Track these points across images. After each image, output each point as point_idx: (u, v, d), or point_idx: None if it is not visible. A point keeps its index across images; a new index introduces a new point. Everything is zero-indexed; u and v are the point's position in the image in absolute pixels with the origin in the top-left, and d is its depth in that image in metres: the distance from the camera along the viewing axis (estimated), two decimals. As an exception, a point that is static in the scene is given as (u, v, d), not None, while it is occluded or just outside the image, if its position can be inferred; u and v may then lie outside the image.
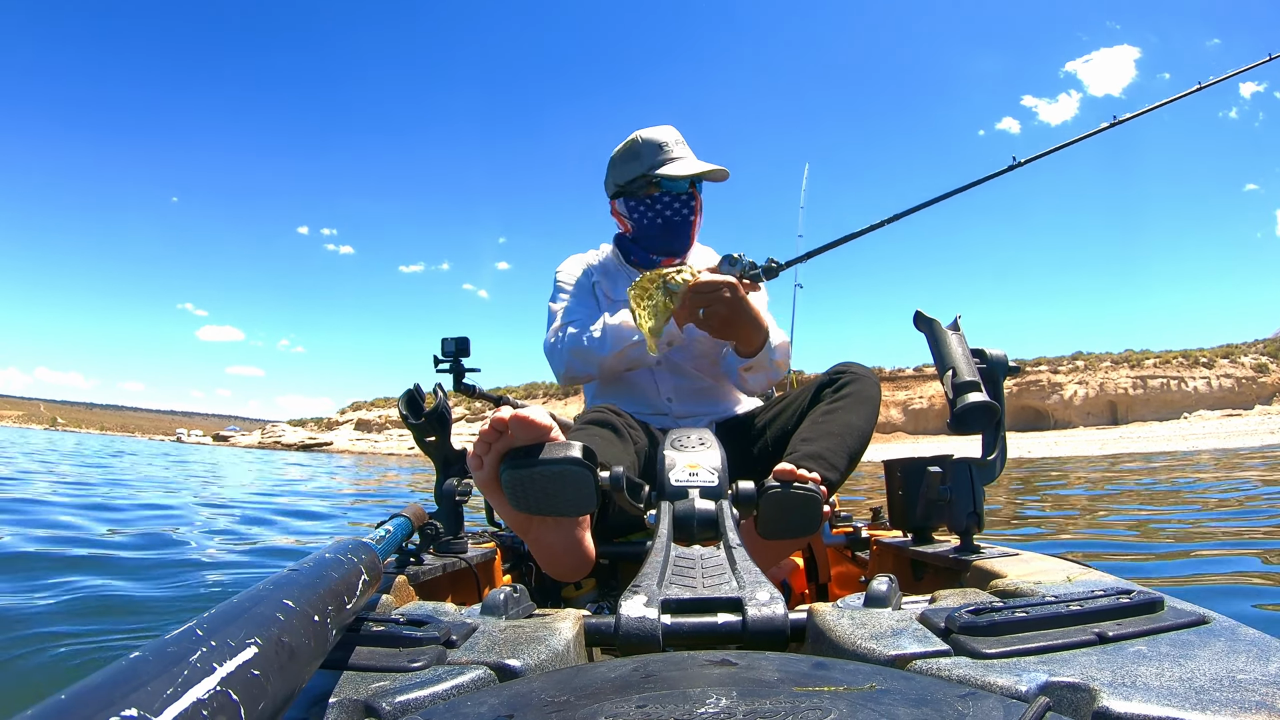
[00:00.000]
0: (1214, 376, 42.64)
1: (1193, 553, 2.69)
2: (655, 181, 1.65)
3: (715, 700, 0.39)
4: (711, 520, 0.91)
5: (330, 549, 0.56)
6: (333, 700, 0.50)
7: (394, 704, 0.49)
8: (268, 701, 0.32)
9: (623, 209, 1.74)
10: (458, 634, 0.62)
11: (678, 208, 1.68)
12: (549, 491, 0.88)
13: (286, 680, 0.35)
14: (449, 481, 1.31)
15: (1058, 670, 0.49)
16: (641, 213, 1.69)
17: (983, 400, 0.99)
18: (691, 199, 1.69)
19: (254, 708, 0.30)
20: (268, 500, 5.98)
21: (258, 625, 0.35)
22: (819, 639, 0.63)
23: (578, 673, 0.49)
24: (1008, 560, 0.94)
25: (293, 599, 0.41)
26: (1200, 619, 0.59)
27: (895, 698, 0.40)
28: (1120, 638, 0.55)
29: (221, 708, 0.28)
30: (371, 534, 0.89)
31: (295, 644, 0.37)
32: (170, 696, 0.26)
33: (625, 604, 0.67)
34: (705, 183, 1.73)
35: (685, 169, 1.64)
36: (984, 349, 1.08)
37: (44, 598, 1.98)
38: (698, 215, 1.72)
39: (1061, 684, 0.48)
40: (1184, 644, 0.54)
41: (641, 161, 1.66)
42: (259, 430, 64.27)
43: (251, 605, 0.37)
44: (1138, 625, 0.57)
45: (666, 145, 1.66)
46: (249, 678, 0.31)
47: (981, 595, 0.75)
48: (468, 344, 1.55)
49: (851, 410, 1.34)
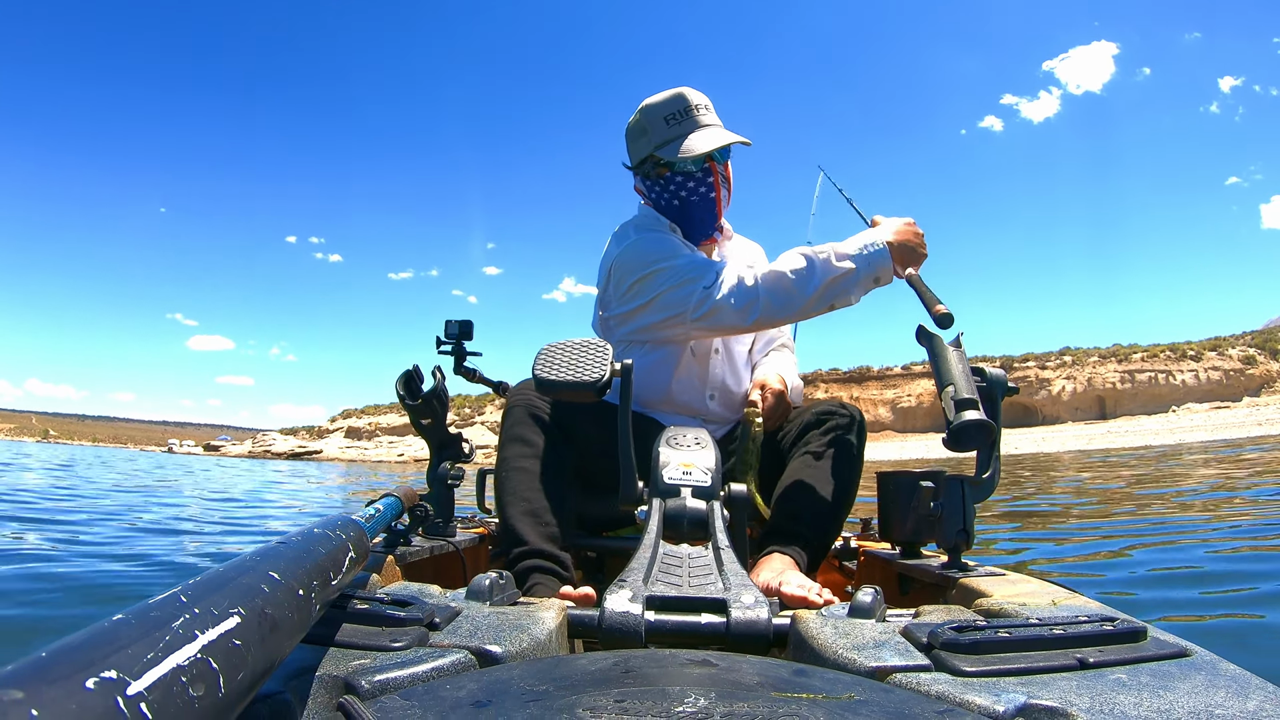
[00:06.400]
0: (1202, 369, 42.74)
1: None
2: (664, 162, 1.48)
3: (694, 700, 0.39)
4: (702, 520, 0.92)
5: (319, 524, 0.56)
6: (314, 675, 0.50)
7: (373, 682, 0.49)
8: (247, 672, 0.32)
9: (642, 187, 1.58)
10: (441, 617, 0.63)
11: (694, 186, 1.49)
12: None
13: (267, 652, 0.35)
14: (442, 465, 1.31)
15: (1037, 693, 0.49)
16: (658, 194, 1.53)
17: (980, 419, 0.99)
18: (710, 174, 1.49)
19: (233, 676, 0.30)
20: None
21: (242, 595, 0.35)
22: (801, 646, 0.63)
23: (558, 663, 0.49)
24: (994, 580, 0.94)
25: (278, 571, 0.41)
26: (1182, 651, 0.59)
27: (873, 709, 0.40)
28: (1101, 665, 0.55)
29: (201, 675, 0.28)
30: (361, 511, 0.89)
31: (278, 616, 0.37)
32: (150, 661, 0.26)
33: (610, 598, 0.67)
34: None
35: (695, 146, 1.43)
36: (984, 368, 1.08)
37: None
38: (721, 190, 1.52)
39: (1040, 707, 0.48)
40: (1164, 675, 0.54)
41: (649, 138, 1.48)
42: (250, 439, 64.71)
43: (236, 575, 0.37)
44: (1119, 653, 0.57)
45: (675, 117, 1.45)
46: (230, 647, 0.31)
47: (966, 613, 0.75)
48: (471, 327, 1.54)
49: (838, 470, 1.35)
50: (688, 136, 1.44)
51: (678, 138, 1.44)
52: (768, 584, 1.10)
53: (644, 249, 1.42)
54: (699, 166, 1.47)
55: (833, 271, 1.32)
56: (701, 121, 1.45)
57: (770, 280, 1.35)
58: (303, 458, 50.46)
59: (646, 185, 1.54)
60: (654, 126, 1.46)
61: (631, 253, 1.43)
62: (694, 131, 1.44)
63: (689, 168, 1.47)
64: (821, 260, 1.34)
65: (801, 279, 1.33)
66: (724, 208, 1.55)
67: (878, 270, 1.34)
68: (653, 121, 1.47)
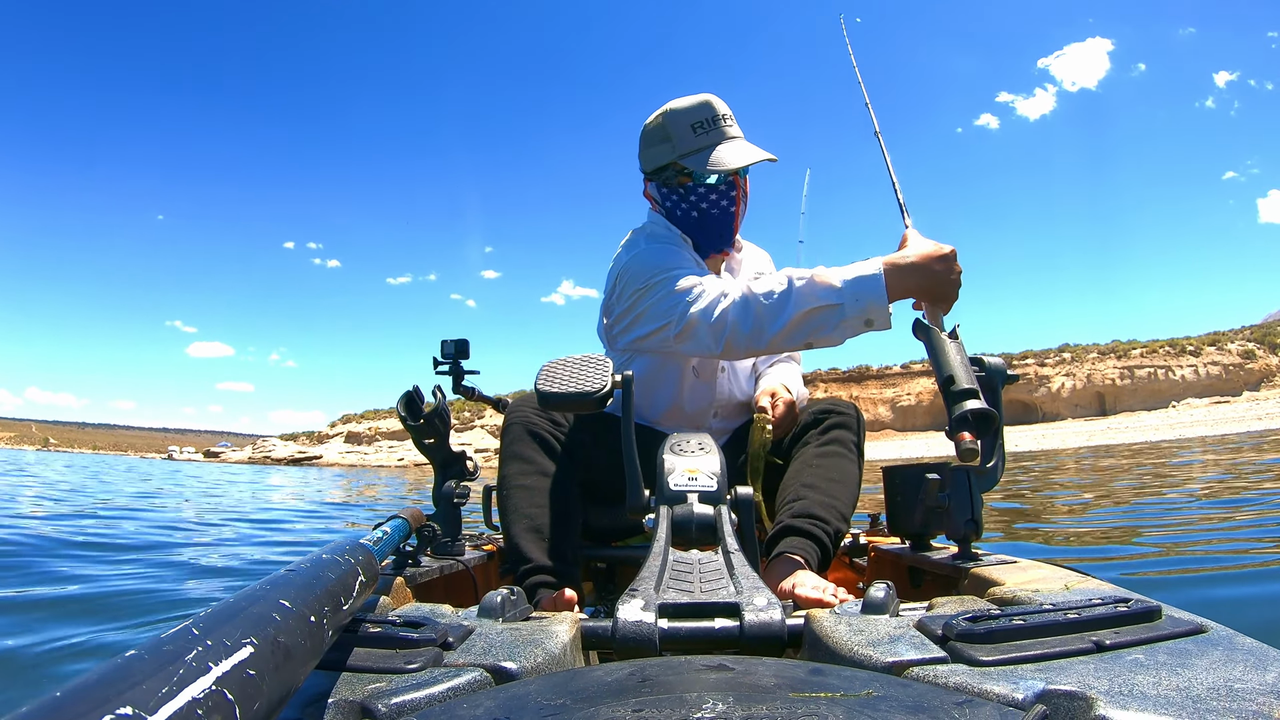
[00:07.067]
0: (1201, 364, 42.85)
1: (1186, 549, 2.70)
2: (687, 172, 1.42)
3: (711, 705, 0.38)
4: (710, 525, 0.91)
5: (327, 550, 0.56)
6: (329, 701, 0.50)
7: (390, 705, 0.49)
8: (263, 701, 0.32)
9: (655, 193, 1.51)
10: (454, 636, 0.62)
11: (715, 199, 1.43)
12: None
13: (282, 680, 0.35)
14: (447, 484, 1.31)
15: (1055, 678, 0.49)
16: (674, 202, 1.46)
17: (981, 408, 0.99)
18: (733, 188, 1.43)
19: (249, 707, 0.30)
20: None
21: (254, 625, 0.35)
22: (816, 645, 0.63)
23: (574, 676, 0.49)
24: (1005, 568, 0.94)
25: (289, 599, 0.40)
26: (1198, 628, 0.59)
27: (892, 704, 0.40)
28: (1117, 646, 0.55)
29: (217, 707, 0.28)
30: (369, 535, 0.89)
31: (291, 644, 0.37)
32: (165, 695, 0.26)
33: (622, 608, 0.67)
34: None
35: (725, 160, 1.36)
36: (983, 357, 1.08)
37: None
38: (740, 204, 1.46)
39: (1059, 692, 0.47)
40: (1181, 653, 0.53)
41: (672, 146, 1.40)
42: (250, 445, 64.73)
43: (248, 605, 0.37)
44: (1135, 634, 0.57)
45: (702, 126, 1.38)
46: (244, 677, 0.31)
47: (979, 603, 0.75)
48: (467, 346, 1.55)
49: (842, 467, 1.35)
50: (715, 148, 1.38)
51: (705, 148, 1.38)
52: (781, 588, 1.10)
53: (650, 259, 1.38)
54: (722, 180, 1.42)
55: (809, 303, 1.16)
56: (729, 133, 1.40)
57: (740, 307, 1.21)
58: (303, 463, 50.38)
59: (662, 193, 1.48)
60: (679, 134, 1.40)
61: (638, 262, 1.39)
62: (721, 143, 1.38)
63: (713, 181, 1.42)
64: (800, 287, 1.17)
65: (773, 308, 1.18)
66: (740, 223, 1.50)
67: (868, 309, 1.14)
68: (677, 128, 1.40)
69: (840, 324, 1.16)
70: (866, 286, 1.14)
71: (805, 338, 1.19)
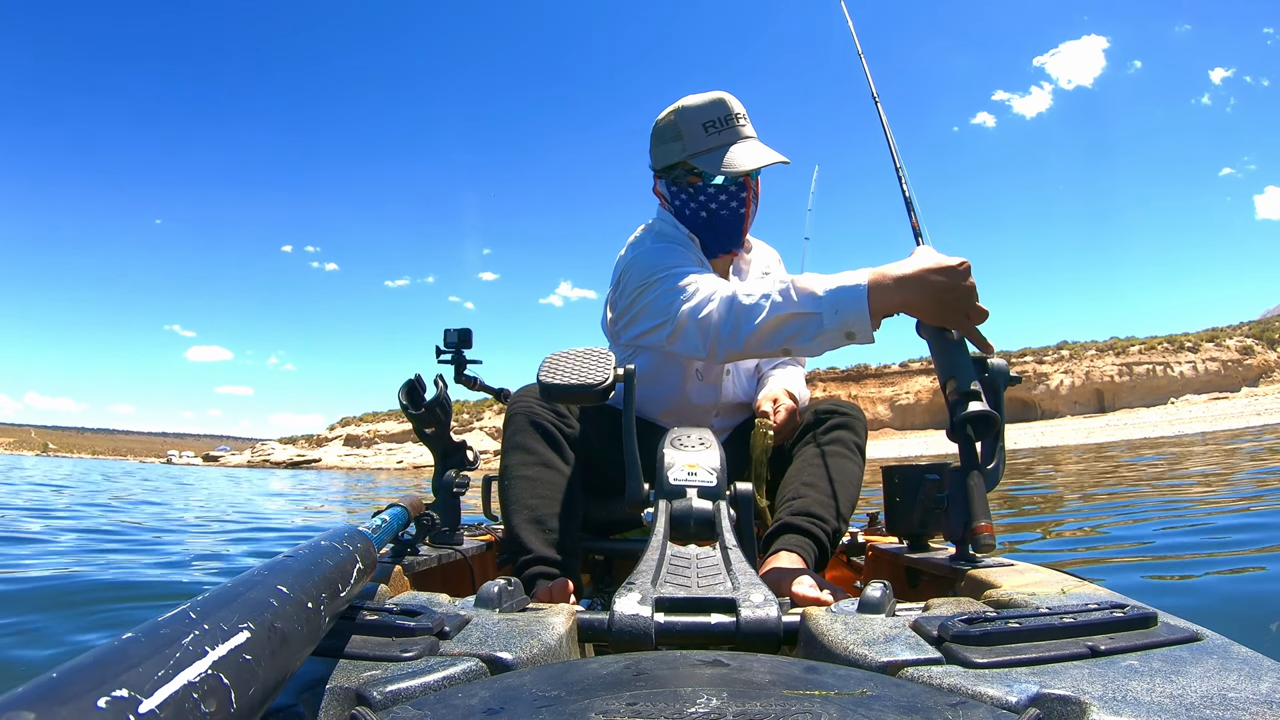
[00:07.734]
0: (1200, 361, 42.79)
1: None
2: (697, 172, 1.41)
3: (706, 700, 0.39)
4: (709, 520, 0.91)
5: (326, 536, 0.56)
6: (325, 688, 0.50)
7: (385, 693, 0.49)
8: (258, 686, 0.32)
9: (664, 191, 1.49)
10: (450, 625, 0.63)
11: (724, 200, 1.42)
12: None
13: (278, 666, 0.35)
14: (447, 473, 1.31)
15: (1049, 682, 0.49)
16: (684, 201, 1.45)
17: (983, 410, 0.99)
18: (744, 189, 1.42)
19: (245, 692, 0.30)
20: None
21: (251, 610, 0.35)
22: (811, 643, 0.63)
23: (569, 668, 0.49)
24: (1003, 571, 0.94)
25: (287, 585, 0.41)
26: (1193, 636, 0.59)
27: (885, 704, 0.40)
28: (1112, 652, 0.55)
29: (212, 691, 0.28)
30: (368, 522, 0.89)
31: (288, 630, 0.37)
32: (161, 678, 0.26)
33: (619, 601, 0.67)
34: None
35: (739, 162, 1.34)
36: (986, 358, 1.08)
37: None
38: (750, 206, 1.44)
39: (1052, 696, 0.48)
40: (1176, 660, 0.53)
41: (684, 144, 1.39)
42: (249, 449, 64.87)
43: (245, 590, 0.37)
44: (1130, 640, 0.57)
45: (715, 125, 1.36)
46: (240, 662, 0.31)
47: (975, 605, 0.75)
48: (470, 335, 1.54)
49: (842, 466, 1.35)
50: (729, 149, 1.36)
51: (718, 148, 1.36)
52: (779, 585, 1.10)
53: (653, 257, 1.37)
54: (732, 181, 1.40)
55: (787, 309, 1.11)
56: (743, 133, 1.38)
57: (723, 307, 1.19)
58: (302, 466, 50.50)
59: (671, 191, 1.46)
60: (691, 132, 1.38)
61: (641, 259, 1.39)
62: (735, 144, 1.37)
63: (720, 181, 1.41)
64: (779, 291, 1.13)
65: (750, 311, 1.15)
66: (750, 224, 1.48)
67: (847, 321, 1.07)
68: (690, 126, 1.38)
69: (819, 335, 1.10)
70: (848, 298, 1.07)
71: (781, 344, 1.14)
